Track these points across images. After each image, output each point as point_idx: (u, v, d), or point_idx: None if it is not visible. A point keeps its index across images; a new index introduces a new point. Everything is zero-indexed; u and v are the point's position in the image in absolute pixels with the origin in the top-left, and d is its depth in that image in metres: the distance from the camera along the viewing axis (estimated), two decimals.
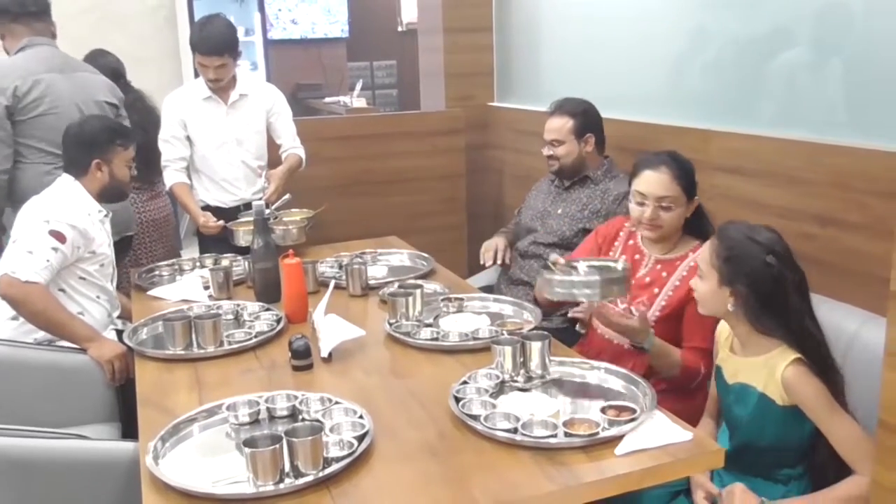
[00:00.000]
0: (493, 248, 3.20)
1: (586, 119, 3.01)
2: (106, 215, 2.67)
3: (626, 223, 2.51)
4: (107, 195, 2.67)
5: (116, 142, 2.65)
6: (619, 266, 2.14)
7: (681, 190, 2.30)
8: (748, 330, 1.88)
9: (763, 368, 1.83)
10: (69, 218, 2.47)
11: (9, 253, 2.41)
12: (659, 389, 2.19)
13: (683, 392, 2.25)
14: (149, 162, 3.38)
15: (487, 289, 3.15)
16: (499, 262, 3.18)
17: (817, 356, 1.79)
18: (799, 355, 1.78)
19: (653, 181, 2.30)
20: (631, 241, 2.47)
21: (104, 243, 2.62)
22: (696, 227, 2.36)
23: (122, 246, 3.25)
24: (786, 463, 1.87)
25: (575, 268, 2.13)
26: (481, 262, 3.23)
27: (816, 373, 1.76)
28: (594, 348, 2.39)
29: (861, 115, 2.33)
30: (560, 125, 3.01)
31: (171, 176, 3.24)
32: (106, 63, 3.54)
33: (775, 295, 1.81)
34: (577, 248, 2.67)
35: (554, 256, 2.19)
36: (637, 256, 2.42)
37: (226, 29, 3.13)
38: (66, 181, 2.62)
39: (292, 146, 3.38)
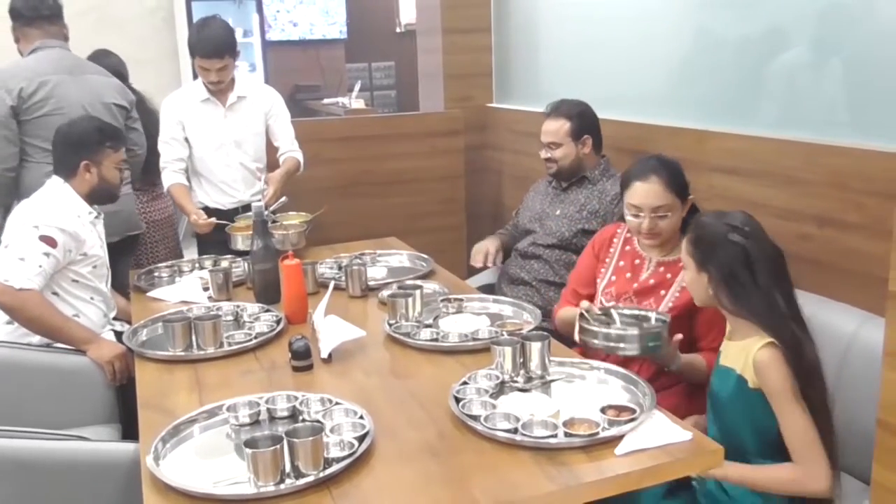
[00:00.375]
0: (483, 250, 3.19)
1: (583, 121, 3.00)
2: (97, 216, 2.66)
3: (619, 229, 2.51)
4: (96, 197, 2.65)
5: (106, 143, 2.63)
6: (654, 317, 2.12)
7: (674, 196, 2.29)
8: (729, 313, 1.91)
9: (743, 351, 1.86)
10: (58, 222, 2.46)
11: (0, 260, 2.41)
12: (667, 385, 2.21)
13: (683, 392, 2.26)
14: (150, 163, 3.39)
15: (488, 288, 3.15)
16: (489, 264, 3.18)
17: (787, 336, 1.81)
18: (772, 339, 1.80)
19: (645, 193, 2.29)
20: (628, 247, 2.46)
21: (96, 245, 2.61)
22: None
23: (127, 246, 3.25)
24: (768, 455, 1.88)
25: (609, 314, 2.13)
26: (471, 263, 3.22)
27: (788, 360, 1.78)
28: (600, 351, 2.38)
29: (858, 116, 2.33)
30: (557, 127, 3.00)
31: (169, 177, 3.23)
32: (109, 64, 3.54)
33: (742, 272, 1.85)
34: (577, 262, 2.64)
35: (586, 304, 2.17)
36: (637, 261, 2.42)
37: (224, 31, 3.13)
38: (55, 183, 2.61)
39: (290, 149, 3.38)
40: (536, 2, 3.95)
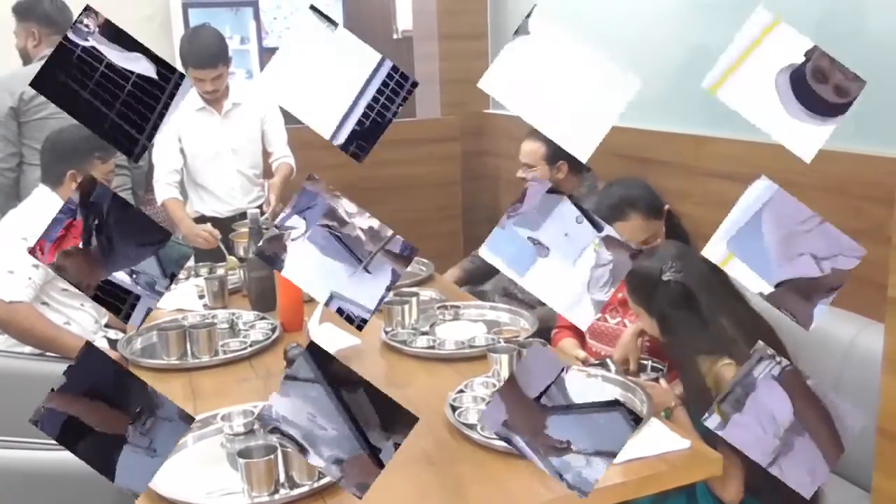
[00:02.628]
0: None
1: (559, 146, 2.95)
2: None
3: None
4: None
5: (94, 154, 2.58)
6: (650, 365, 2.11)
7: (655, 220, 2.28)
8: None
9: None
10: None
11: None
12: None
13: None
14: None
15: (480, 296, 3.13)
16: None
17: (739, 360, 1.78)
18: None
19: (630, 231, 2.25)
20: None
21: None
22: (673, 231, 2.33)
23: None
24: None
25: (606, 365, 2.11)
26: None
27: None
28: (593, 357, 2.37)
29: (857, 121, 2.31)
30: (532, 150, 2.97)
31: (163, 191, 3.20)
32: None
33: (681, 312, 1.85)
34: None
35: (583, 354, 2.19)
36: None
37: (216, 38, 3.11)
38: (42, 193, 2.57)
39: (283, 155, 3.37)
40: (532, 7, 3.95)
